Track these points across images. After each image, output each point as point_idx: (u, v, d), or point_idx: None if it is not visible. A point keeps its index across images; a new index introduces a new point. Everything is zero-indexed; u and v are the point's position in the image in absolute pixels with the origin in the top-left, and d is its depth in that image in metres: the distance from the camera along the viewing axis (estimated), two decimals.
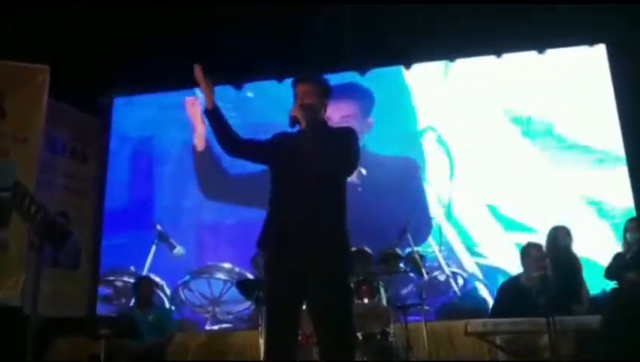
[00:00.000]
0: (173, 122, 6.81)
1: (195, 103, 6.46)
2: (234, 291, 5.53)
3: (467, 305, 5.63)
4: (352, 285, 4.76)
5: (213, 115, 3.02)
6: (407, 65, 6.22)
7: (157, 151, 6.82)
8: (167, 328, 5.29)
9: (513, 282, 4.99)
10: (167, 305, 6.24)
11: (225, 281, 6.18)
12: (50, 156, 5.74)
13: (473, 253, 5.85)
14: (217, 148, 3.15)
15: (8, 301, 4.84)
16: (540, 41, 5.88)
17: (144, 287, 5.48)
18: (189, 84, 6.23)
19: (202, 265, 6.39)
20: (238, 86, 6.59)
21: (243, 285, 5.18)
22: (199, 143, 6.54)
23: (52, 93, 5.39)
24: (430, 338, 4.80)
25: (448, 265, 5.86)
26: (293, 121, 2.94)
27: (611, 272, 4.78)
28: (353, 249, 4.78)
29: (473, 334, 4.45)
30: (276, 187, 3.00)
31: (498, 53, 6.14)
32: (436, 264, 5.90)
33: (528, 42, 5.90)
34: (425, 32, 5.48)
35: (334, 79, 4.86)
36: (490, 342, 4.60)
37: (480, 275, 5.76)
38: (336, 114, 5.98)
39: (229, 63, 5.87)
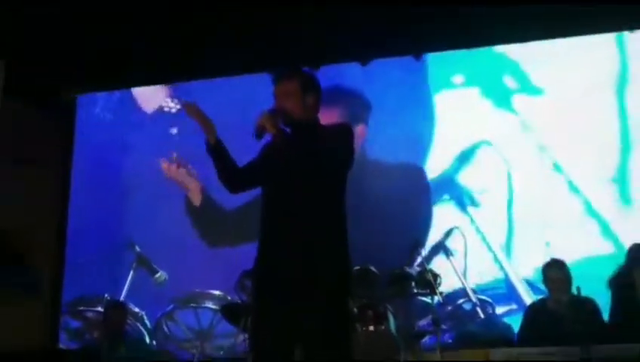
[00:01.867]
0: (146, 124, 6.08)
1: (171, 167, 5.76)
2: (226, 323, 4.83)
3: (490, 333, 4.93)
4: (355, 310, 4.27)
5: (217, 151, 2.72)
6: (417, 57, 5.53)
7: (129, 158, 6.05)
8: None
9: (540, 305, 4.46)
10: (147, 339, 5.51)
11: (215, 311, 5.37)
12: (6, 164, 5.20)
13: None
14: (213, 192, 3.15)
15: None
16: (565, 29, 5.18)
17: (114, 315, 4.81)
18: (162, 79, 5.85)
19: (189, 292, 5.61)
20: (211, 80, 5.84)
21: (229, 310, 4.62)
22: (195, 198, 5.75)
23: (7, 91, 4.88)
24: None
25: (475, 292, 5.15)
26: (259, 131, 2.56)
27: None
28: (357, 268, 4.43)
29: None
30: (263, 209, 2.68)
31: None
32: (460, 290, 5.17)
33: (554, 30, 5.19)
34: (439, 20, 4.85)
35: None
36: None
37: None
38: None
39: (203, 56, 5.27)
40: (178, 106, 5.93)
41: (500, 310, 5.11)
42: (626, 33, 5.29)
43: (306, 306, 2.44)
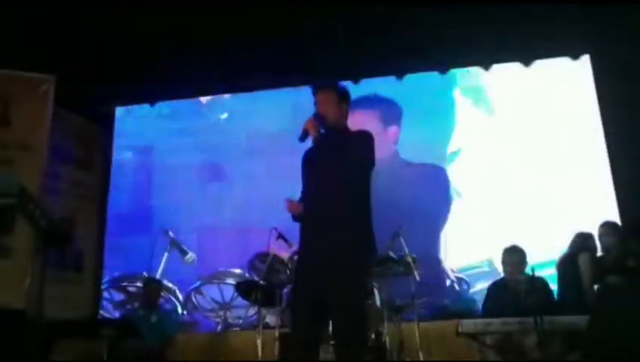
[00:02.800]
0: (173, 130, 6.75)
1: None
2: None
3: (459, 306, 5.56)
4: None
5: (299, 216, 3.13)
6: (399, 77, 6.23)
7: (158, 158, 6.76)
8: (168, 329, 5.24)
9: (501, 283, 4.95)
10: (179, 309, 6.18)
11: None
12: (56, 163, 5.74)
13: None
14: None
15: (13, 304, 4.80)
16: (526, 54, 5.84)
17: (151, 289, 5.43)
18: (188, 93, 6.53)
19: (213, 271, 6.32)
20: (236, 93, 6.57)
21: (242, 286, 5.18)
22: None
23: (57, 103, 5.35)
24: (422, 338, 4.73)
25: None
26: (304, 134, 2.92)
27: (594, 276, 4.73)
28: None
29: (464, 334, 4.34)
30: (303, 199, 3.07)
31: (486, 65, 6.14)
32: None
33: (515, 54, 5.86)
34: (416, 45, 5.47)
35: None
36: (481, 342, 4.51)
37: None
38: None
39: (230, 72, 5.89)
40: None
41: (481, 286, 5.68)
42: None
43: (334, 275, 2.81)
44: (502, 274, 5.00)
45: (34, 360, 3.33)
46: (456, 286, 5.76)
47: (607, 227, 4.82)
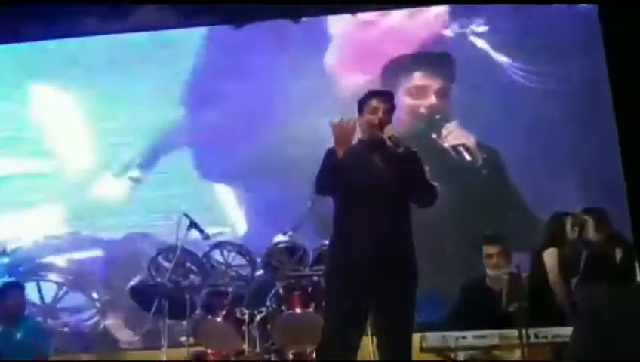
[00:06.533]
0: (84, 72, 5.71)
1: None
2: (72, 296, 4.83)
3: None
4: (280, 291, 4.24)
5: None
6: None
7: None
8: (41, 346, 4.39)
9: (478, 283, 4.28)
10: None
11: (60, 284, 5.15)
12: None
13: None
14: None
15: None
16: None
17: (13, 297, 4.44)
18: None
19: (30, 263, 5.28)
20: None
21: (140, 293, 4.40)
22: None
23: None
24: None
25: None
26: (394, 143, 3.01)
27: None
28: (282, 246, 4.38)
29: (430, 350, 3.74)
30: (347, 207, 3.08)
31: None
32: None
33: None
34: None
35: None
36: (452, 359, 3.85)
37: None
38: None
39: None
40: None
41: None
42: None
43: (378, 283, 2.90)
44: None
45: None
46: None
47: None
